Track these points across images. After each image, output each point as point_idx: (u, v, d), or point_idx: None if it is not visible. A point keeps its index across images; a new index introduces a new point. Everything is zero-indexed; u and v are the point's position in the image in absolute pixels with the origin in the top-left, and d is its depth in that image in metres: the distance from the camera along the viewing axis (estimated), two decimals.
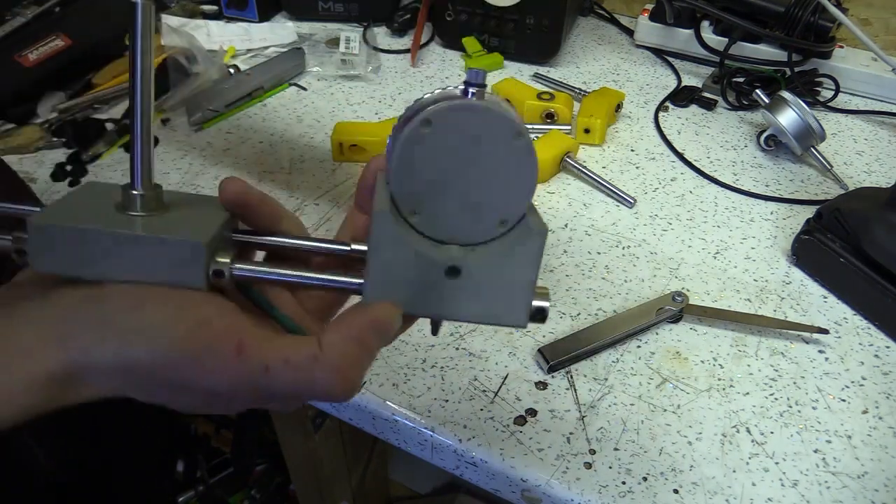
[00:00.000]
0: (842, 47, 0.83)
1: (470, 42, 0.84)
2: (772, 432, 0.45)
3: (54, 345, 0.26)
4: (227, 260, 0.29)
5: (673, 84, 0.83)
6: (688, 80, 0.84)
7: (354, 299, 0.30)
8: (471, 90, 0.27)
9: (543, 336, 0.50)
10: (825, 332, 0.51)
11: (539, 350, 0.48)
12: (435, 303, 0.30)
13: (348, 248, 0.31)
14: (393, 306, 0.29)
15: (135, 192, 0.29)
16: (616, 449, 0.43)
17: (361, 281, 0.30)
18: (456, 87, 0.28)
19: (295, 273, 0.30)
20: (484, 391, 0.46)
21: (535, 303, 0.30)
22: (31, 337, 0.26)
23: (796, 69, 0.79)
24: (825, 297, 0.55)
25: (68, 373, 0.26)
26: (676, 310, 0.51)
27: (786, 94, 0.68)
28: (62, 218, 0.28)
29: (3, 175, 0.55)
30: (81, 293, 0.28)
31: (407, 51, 0.86)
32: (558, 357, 0.47)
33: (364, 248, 0.30)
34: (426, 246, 0.29)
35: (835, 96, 0.79)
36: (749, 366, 0.49)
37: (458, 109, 0.27)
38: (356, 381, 0.28)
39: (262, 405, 0.30)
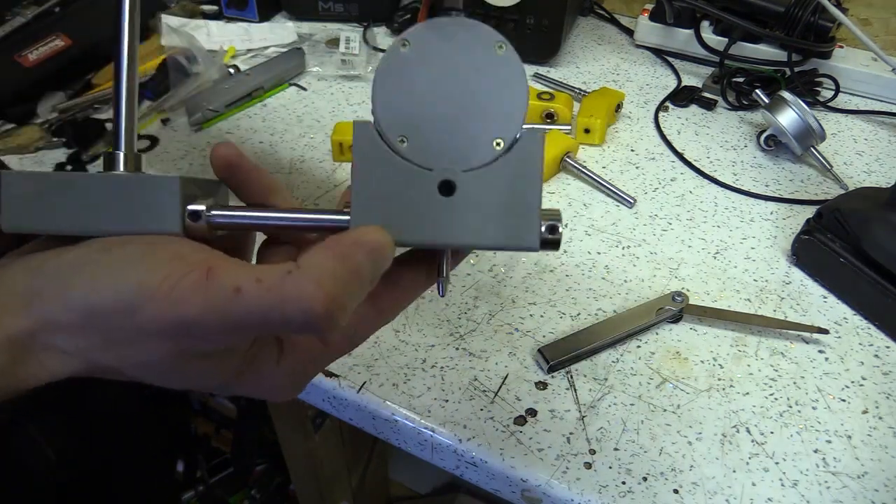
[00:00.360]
0: (842, 47, 0.83)
1: None
2: (772, 432, 0.45)
3: (18, 307, 0.24)
4: (204, 206, 0.27)
5: (673, 84, 0.83)
6: (688, 80, 0.84)
7: None
8: (452, 12, 0.27)
9: (543, 336, 0.50)
10: (825, 332, 0.51)
11: (539, 350, 0.48)
12: (431, 228, 0.27)
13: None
14: (381, 228, 0.26)
15: (117, 151, 0.28)
16: (616, 449, 0.43)
17: (349, 217, 0.27)
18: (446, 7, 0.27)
19: (277, 215, 0.28)
20: (484, 391, 0.46)
21: (547, 222, 0.27)
22: None
23: (796, 69, 0.79)
24: (825, 297, 0.55)
25: (30, 333, 0.24)
26: (676, 310, 0.51)
27: (786, 94, 0.68)
28: (38, 173, 0.27)
29: None
30: (53, 251, 0.26)
31: None
32: (558, 357, 0.47)
33: None
34: (415, 169, 0.27)
35: (835, 96, 0.79)
36: (749, 366, 0.49)
37: (435, 25, 0.26)
38: (340, 299, 0.24)
39: (246, 358, 0.27)
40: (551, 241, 0.27)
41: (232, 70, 0.79)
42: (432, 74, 0.27)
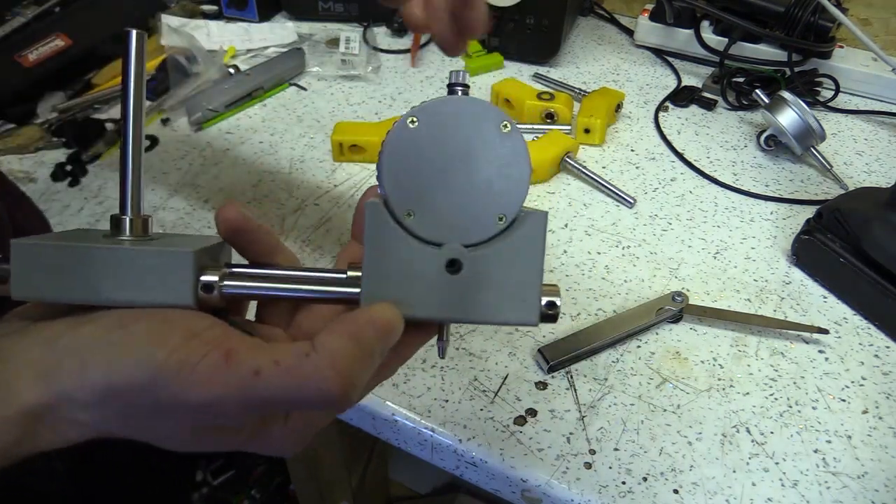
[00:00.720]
0: (842, 47, 0.83)
1: (470, 42, 0.84)
2: (772, 432, 0.45)
3: (33, 378, 0.25)
4: (216, 277, 0.27)
5: (673, 84, 0.83)
6: (688, 80, 0.84)
7: None
8: (457, 90, 0.28)
9: (543, 336, 0.50)
10: (825, 332, 0.51)
11: (539, 350, 0.48)
12: (438, 304, 0.28)
13: (344, 276, 0.29)
14: (391, 306, 0.27)
15: (124, 216, 0.29)
16: (616, 449, 0.43)
17: (359, 290, 0.28)
18: (449, 85, 0.28)
19: (289, 287, 0.29)
20: (484, 391, 0.46)
21: (546, 298, 0.28)
22: (9, 371, 0.25)
23: (796, 69, 0.79)
24: (825, 297, 0.55)
25: (46, 406, 0.24)
26: (676, 310, 0.51)
27: (786, 94, 0.68)
28: (47, 240, 0.27)
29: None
30: (65, 322, 0.26)
31: (407, 51, 0.86)
32: (558, 357, 0.47)
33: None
34: (422, 248, 0.28)
35: (835, 96, 0.79)
36: (749, 366, 0.49)
37: (442, 102, 0.27)
38: (354, 379, 0.25)
39: (258, 422, 0.28)
40: (550, 316, 0.29)
41: (232, 70, 0.79)
42: (439, 151, 0.28)
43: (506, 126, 0.27)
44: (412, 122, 0.27)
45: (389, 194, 0.28)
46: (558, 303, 0.28)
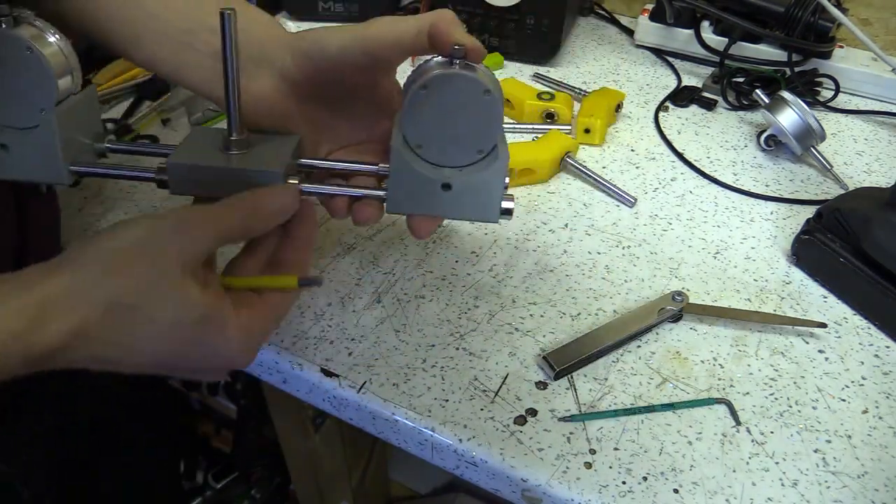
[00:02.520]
0: (842, 47, 0.83)
1: None
2: (772, 432, 0.45)
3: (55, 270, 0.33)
4: (297, 181, 0.42)
5: (673, 84, 0.83)
6: (688, 80, 0.84)
7: None
8: (455, 61, 0.38)
9: (544, 336, 0.50)
10: (823, 325, 0.51)
11: (544, 357, 0.48)
12: (435, 207, 0.42)
13: (376, 167, 0.44)
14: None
15: (232, 137, 0.42)
16: (616, 449, 0.43)
17: (384, 192, 0.43)
18: (444, 59, 0.38)
19: (340, 188, 0.43)
20: (484, 391, 0.46)
21: (504, 204, 0.42)
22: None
23: (796, 69, 0.79)
24: (825, 297, 0.55)
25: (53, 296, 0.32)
26: (677, 309, 0.51)
27: (786, 94, 0.68)
28: (186, 157, 0.42)
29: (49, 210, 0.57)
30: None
31: None
32: (564, 363, 0.47)
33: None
34: (428, 168, 0.41)
35: (835, 96, 0.79)
36: (749, 366, 0.49)
37: (444, 77, 0.38)
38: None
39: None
40: (506, 213, 0.42)
41: None
42: (440, 108, 0.39)
43: (487, 93, 0.38)
44: (423, 87, 0.38)
45: (406, 134, 0.40)
46: (511, 206, 0.42)
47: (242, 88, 0.41)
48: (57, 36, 0.39)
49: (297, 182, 0.41)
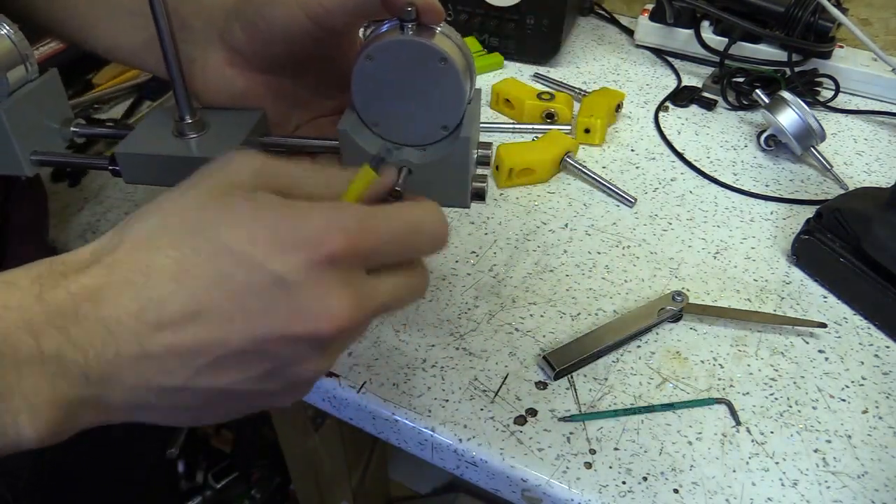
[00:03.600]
0: (842, 47, 0.83)
1: (470, 42, 0.84)
2: (772, 432, 0.45)
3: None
4: None
5: (673, 84, 0.83)
6: (688, 80, 0.84)
7: None
8: (406, 25, 0.33)
9: (544, 336, 0.50)
10: (823, 325, 0.51)
11: (544, 357, 0.48)
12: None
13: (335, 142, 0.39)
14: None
15: (185, 120, 0.39)
16: (616, 449, 0.43)
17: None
18: (396, 23, 0.34)
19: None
20: (484, 391, 0.46)
21: (475, 185, 0.38)
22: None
23: (796, 69, 0.79)
24: (825, 297, 0.55)
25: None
26: (677, 309, 0.51)
27: (786, 94, 0.68)
28: (135, 146, 0.39)
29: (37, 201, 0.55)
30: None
31: None
32: (564, 364, 0.47)
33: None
34: (385, 149, 0.34)
35: (835, 96, 0.79)
36: (749, 366, 0.49)
37: (390, 44, 0.34)
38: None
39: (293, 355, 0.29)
40: (480, 199, 0.39)
41: None
42: (392, 79, 0.35)
43: (443, 61, 0.34)
44: (368, 57, 0.34)
45: (359, 111, 0.36)
46: (483, 187, 0.39)
47: (196, 65, 0.39)
48: (7, 27, 0.39)
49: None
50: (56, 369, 0.25)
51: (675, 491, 0.41)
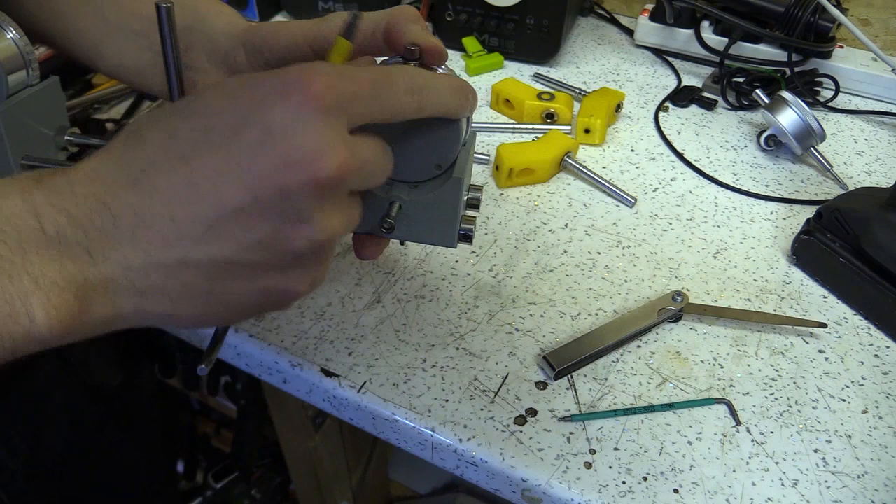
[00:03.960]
0: (842, 47, 0.83)
1: (470, 42, 0.84)
2: (772, 432, 0.45)
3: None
4: None
5: (673, 84, 0.83)
6: (688, 80, 0.84)
7: None
8: (410, 64, 0.34)
9: (543, 336, 0.50)
10: (823, 325, 0.51)
11: (544, 357, 0.48)
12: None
13: None
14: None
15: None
16: (616, 449, 0.43)
17: None
18: (403, 57, 0.35)
19: None
20: (484, 391, 0.46)
21: (463, 226, 0.39)
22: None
23: (796, 69, 0.79)
24: (825, 297, 0.55)
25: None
26: (677, 309, 0.51)
27: (786, 94, 0.68)
28: None
29: None
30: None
31: None
32: (564, 364, 0.47)
33: None
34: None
35: (835, 96, 0.79)
36: (749, 366, 0.49)
37: None
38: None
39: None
40: (467, 241, 0.39)
41: None
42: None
43: None
44: None
45: None
46: (472, 229, 0.39)
47: (196, 86, 0.39)
48: (13, 31, 0.39)
49: None
50: (61, 248, 0.25)
51: (675, 491, 0.41)
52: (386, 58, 0.37)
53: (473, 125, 0.73)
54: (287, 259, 0.28)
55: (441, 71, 0.35)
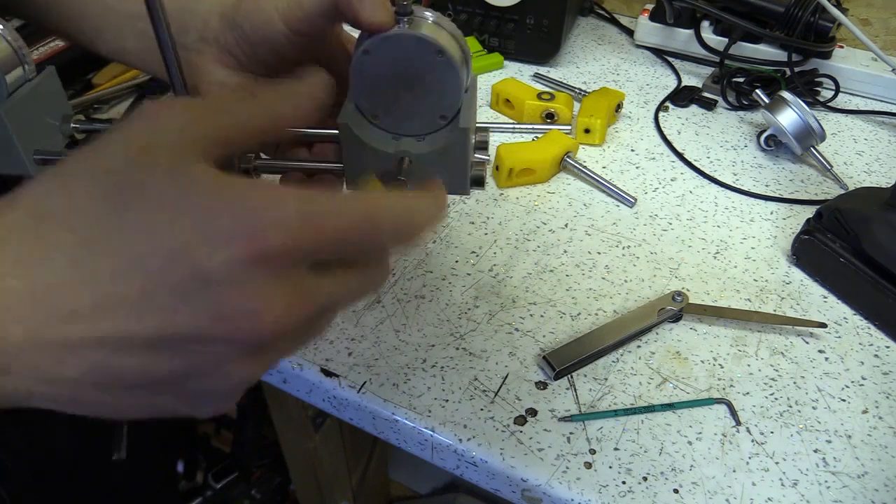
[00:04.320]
0: (842, 47, 0.83)
1: (470, 42, 0.84)
2: (772, 432, 0.45)
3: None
4: (250, 157, 0.39)
5: (673, 84, 0.83)
6: (688, 80, 0.84)
7: None
8: (402, 19, 0.34)
9: (543, 336, 0.50)
10: (823, 325, 0.51)
11: (544, 357, 0.48)
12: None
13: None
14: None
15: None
16: (616, 449, 0.43)
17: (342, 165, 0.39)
18: (395, 12, 0.34)
19: (298, 161, 0.40)
20: (484, 391, 0.46)
21: (474, 171, 0.39)
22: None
23: (796, 69, 0.79)
24: (825, 297, 0.55)
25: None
26: (677, 309, 0.51)
27: (786, 94, 0.68)
28: None
29: None
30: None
31: None
32: (564, 364, 0.47)
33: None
34: (380, 141, 0.37)
35: (835, 96, 0.79)
36: (749, 366, 0.49)
37: (387, 38, 0.34)
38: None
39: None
40: (479, 186, 0.40)
41: None
42: (391, 72, 0.35)
43: (441, 53, 0.34)
44: (366, 52, 0.34)
45: (359, 105, 0.37)
46: (482, 174, 0.39)
47: (193, 67, 0.40)
48: (1, 26, 0.39)
49: (252, 157, 0.38)
50: None
51: (675, 491, 0.41)
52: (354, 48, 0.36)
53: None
54: (208, 390, 0.25)
55: (432, 20, 0.34)
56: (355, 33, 0.37)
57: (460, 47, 0.36)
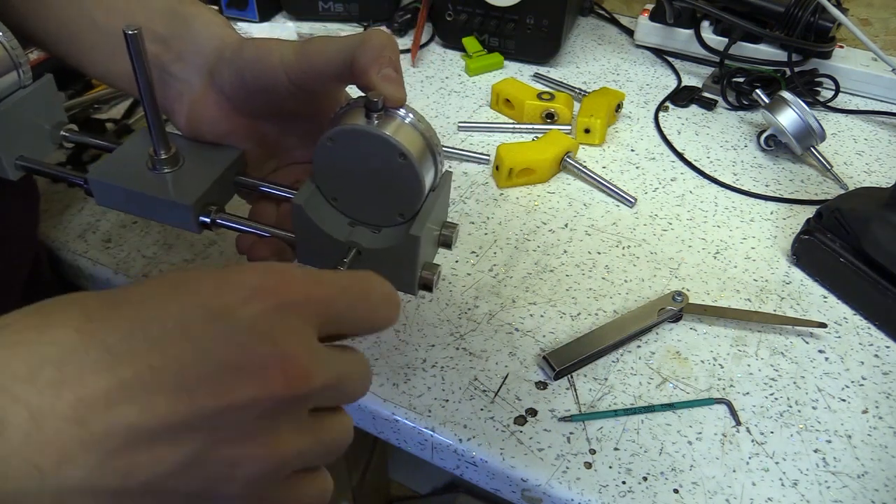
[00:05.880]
0: (842, 47, 0.83)
1: (470, 42, 0.84)
2: (772, 432, 0.45)
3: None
4: (213, 210, 0.39)
5: (673, 84, 0.83)
6: (688, 80, 0.84)
7: None
8: (373, 115, 0.33)
9: (543, 336, 0.50)
10: (823, 325, 0.51)
11: (544, 357, 0.48)
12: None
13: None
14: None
15: (158, 156, 0.39)
16: (616, 449, 0.43)
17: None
18: (365, 106, 0.34)
19: (255, 225, 0.40)
20: (484, 391, 0.46)
21: (424, 274, 0.38)
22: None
23: (796, 69, 0.79)
24: (825, 297, 0.55)
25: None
26: (677, 309, 0.51)
27: (786, 94, 0.68)
28: (104, 174, 0.39)
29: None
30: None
31: (407, 51, 0.86)
32: (564, 364, 0.47)
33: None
34: (333, 228, 0.37)
35: (835, 96, 0.79)
36: (749, 366, 0.49)
37: (351, 133, 0.34)
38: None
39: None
40: (427, 289, 0.38)
41: None
42: (352, 165, 0.35)
43: (402, 157, 0.34)
44: (331, 140, 0.35)
45: (319, 185, 0.37)
46: (432, 279, 0.38)
47: (183, 101, 0.40)
48: (0, 34, 0.39)
49: (213, 210, 0.39)
50: None
51: (675, 491, 0.41)
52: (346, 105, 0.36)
53: (474, 125, 0.73)
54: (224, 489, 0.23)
55: (405, 118, 0.34)
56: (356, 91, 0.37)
57: (429, 148, 0.35)
